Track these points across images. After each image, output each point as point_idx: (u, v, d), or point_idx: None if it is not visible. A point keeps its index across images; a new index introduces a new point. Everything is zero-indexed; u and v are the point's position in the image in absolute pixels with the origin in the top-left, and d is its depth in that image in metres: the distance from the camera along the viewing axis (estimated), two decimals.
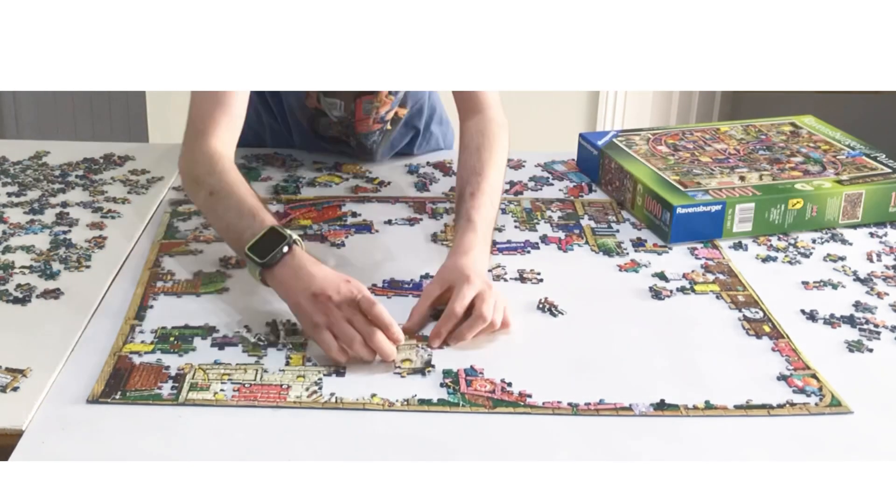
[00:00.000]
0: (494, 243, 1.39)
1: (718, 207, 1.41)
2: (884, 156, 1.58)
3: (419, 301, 1.20)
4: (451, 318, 1.16)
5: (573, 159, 1.69)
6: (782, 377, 1.10)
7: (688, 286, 1.29)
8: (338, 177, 1.60)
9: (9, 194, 1.51)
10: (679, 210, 1.39)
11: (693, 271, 1.33)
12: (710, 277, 1.32)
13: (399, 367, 1.09)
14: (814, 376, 1.10)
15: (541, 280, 1.30)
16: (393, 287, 1.27)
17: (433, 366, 1.10)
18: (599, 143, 1.62)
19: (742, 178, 1.49)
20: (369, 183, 1.59)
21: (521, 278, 1.30)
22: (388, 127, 1.61)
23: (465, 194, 1.35)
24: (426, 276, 1.28)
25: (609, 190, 1.57)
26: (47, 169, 1.61)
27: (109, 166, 1.63)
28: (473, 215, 1.31)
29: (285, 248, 1.17)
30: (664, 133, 1.66)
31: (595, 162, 1.61)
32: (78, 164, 1.63)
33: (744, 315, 1.23)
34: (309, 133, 1.64)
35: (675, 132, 1.67)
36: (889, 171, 1.53)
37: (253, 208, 1.23)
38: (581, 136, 1.65)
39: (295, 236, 1.18)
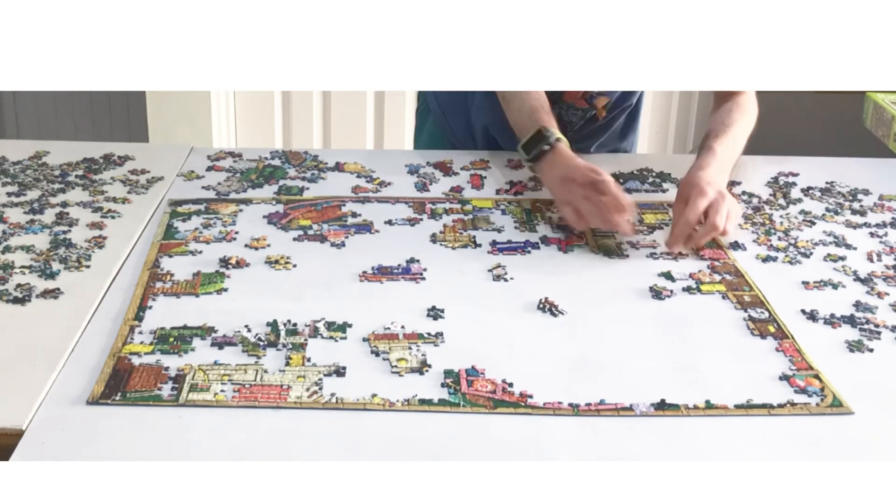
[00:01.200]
0: (494, 243, 1.39)
1: None
2: None
3: (673, 220, 1.37)
4: (686, 226, 1.34)
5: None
6: (784, 377, 1.10)
7: (694, 286, 1.29)
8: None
9: (8, 194, 1.51)
10: None
11: (700, 271, 1.33)
12: (717, 277, 1.32)
13: (395, 366, 1.09)
14: (816, 377, 1.10)
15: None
16: (382, 273, 1.30)
17: (430, 365, 1.10)
18: None
19: None
20: (369, 183, 1.59)
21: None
22: (596, 119, 1.69)
23: (710, 134, 1.51)
24: (412, 260, 1.33)
25: None
26: (47, 169, 1.60)
27: (109, 166, 1.63)
28: (714, 145, 1.48)
29: (545, 147, 1.46)
30: None
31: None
32: (78, 164, 1.63)
33: (749, 315, 1.22)
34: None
35: None
36: None
37: (531, 110, 1.51)
38: None
39: (557, 135, 1.46)
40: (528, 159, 1.50)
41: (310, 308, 1.21)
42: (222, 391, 1.04)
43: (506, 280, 1.30)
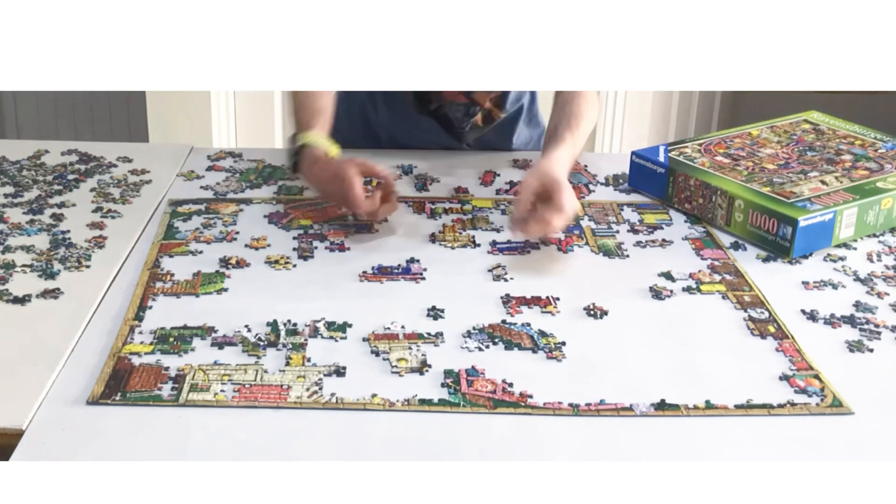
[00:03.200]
0: (494, 243, 1.39)
1: (830, 216, 1.38)
2: None
3: (521, 194, 1.35)
4: (561, 212, 1.33)
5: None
6: (784, 377, 1.10)
7: (694, 286, 1.29)
8: None
9: (7, 195, 1.51)
10: (802, 223, 1.35)
11: (700, 271, 1.33)
12: (717, 277, 1.32)
13: (396, 366, 1.09)
14: (816, 377, 1.10)
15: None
16: (383, 273, 1.30)
17: (430, 365, 1.10)
18: (661, 158, 1.55)
19: (824, 183, 1.46)
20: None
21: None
22: (479, 122, 1.68)
23: (561, 124, 1.50)
24: (412, 260, 1.32)
25: (689, 207, 1.50)
26: (46, 169, 1.60)
27: (109, 166, 1.63)
28: (566, 135, 1.47)
29: (294, 160, 1.46)
30: (707, 142, 1.62)
31: (661, 180, 1.53)
32: (77, 163, 1.63)
33: (749, 315, 1.22)
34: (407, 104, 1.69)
35: (717, 140, 1.63)
36: None
37: (295, 109, 1.50)
38: (634, 153, 1.58)
39: (302, 142, 1.45)
40: (289, 167, 1.49)
41: (310, 308, 1.21)
42: (222, 391, 1.04)
43: (505, 280, 1.30)
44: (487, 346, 1.14)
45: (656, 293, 1.27)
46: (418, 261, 1.33)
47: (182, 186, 1.57)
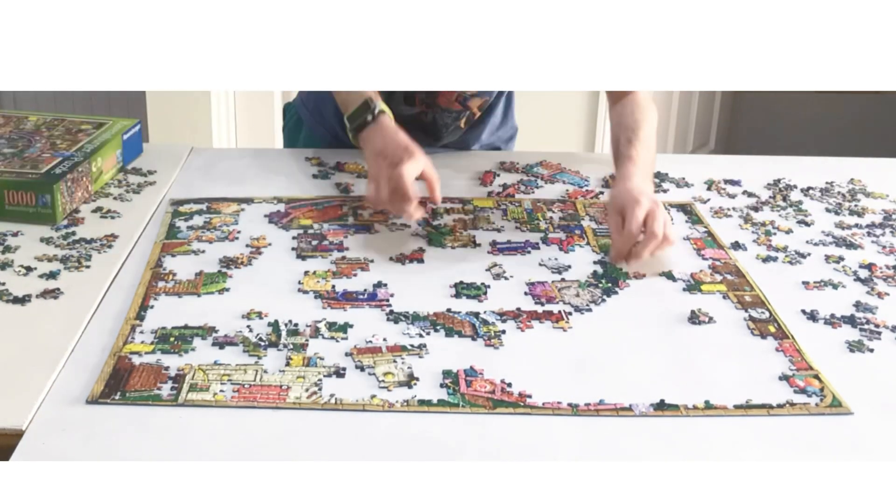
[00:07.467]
0: (494, 243, 1.39)
1: None
2: None
3: (613, 233, 1.35)
4: (629, 238, 1.31)
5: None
6: (784, 377, 1.10)
7: (694, 286, 1.29)
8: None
9: None
10: None
11: (701, 271, 1.33)
12: (718, 277, 1.32)
13: (383, 380, 1.08)
14: (816, 377, 1.10)
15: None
16: (347, 299, 1.24)
17: (417, 378, 1.08)
18: None
19: None
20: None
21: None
22: (462, 125, 1.69)
23: (622, 141, 1.50)
24: (379, 284, 1.27)
25: None
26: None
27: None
28: (632, 153, 1.47)
29: (368, 118, 1.44)
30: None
31: None
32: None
33: (750, 315, 1.22)
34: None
35: None
36: None
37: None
38: None
39: (381, 108, 1.44)
40: (352, 129, 1.46)
41: (310, 308, 1.21)
42: (221, 391, 1.04)
43: (506, 279, 1.30)
44: (429, 333, 1.15)
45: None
46: (386, 285, 1.27)
47: (182, 186, 1.57)
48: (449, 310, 1.20)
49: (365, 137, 1.43)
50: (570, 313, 1.22)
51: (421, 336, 1.14)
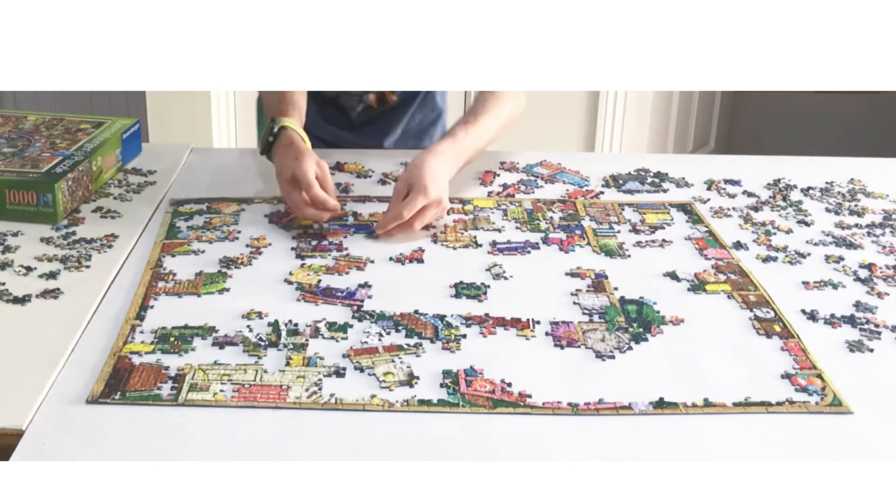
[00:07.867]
0: (495, 243, 1.39)
1: None
2: None
3: (392, 200, 1.40)
4: (398, 219, 1.37)
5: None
6: (787, 375, 1.10)
7: (699, 285, 1.29)
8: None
9: None
10: None
11: (704, 271, 1.33)
12: (722, 277, 1.32)
13: (384, 380, 1.08)
14: (819, 376, 1.10)
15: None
16: (325, 295, 1.24)
17: (418, 377, 1.08)
18: None
19: None
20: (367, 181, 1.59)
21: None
22: (373, 102, 1.71)
23: (458, 121, 1.51)
24: (364, 285, 1.27)
25: None
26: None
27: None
28: (457, 131, 1.49)
29: (270, 139, 1.47)
30: None
31: None
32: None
33: (755, 315, 1.22)
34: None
35: None
36: None
37: (272, 101, 1.51)
38: None
39: (282, 123, 1.46)
40: (262, 152, 1.50)
41: (311, 308, 1.21)
42: (221, 391, 1.04)
43: (506, 279, 1.30)
44: (389, 333, 1.15)
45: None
46: (370, 286, 1.27)
47: (182, 186, 1.57)
48: (416, 311, 1.20)
49: (273, 156, 1.48)
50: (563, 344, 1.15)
51: (381, 337, 1.15)
